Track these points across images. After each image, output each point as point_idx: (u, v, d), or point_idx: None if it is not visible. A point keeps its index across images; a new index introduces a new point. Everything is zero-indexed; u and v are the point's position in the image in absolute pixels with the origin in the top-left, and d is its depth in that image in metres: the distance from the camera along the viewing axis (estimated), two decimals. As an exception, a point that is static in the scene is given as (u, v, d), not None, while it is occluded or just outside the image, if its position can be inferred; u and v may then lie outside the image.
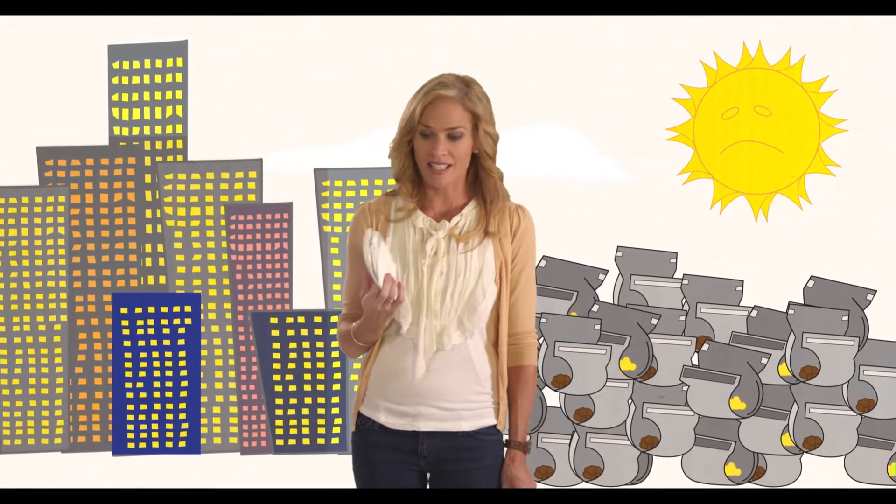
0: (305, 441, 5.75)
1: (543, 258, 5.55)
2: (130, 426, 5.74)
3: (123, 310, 5.74)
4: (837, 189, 5.57)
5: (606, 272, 5.60)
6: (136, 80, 5.74)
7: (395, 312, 3.38)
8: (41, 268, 5.73)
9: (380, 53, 5.62)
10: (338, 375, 5.74)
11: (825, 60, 5.56)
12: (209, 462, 5.73)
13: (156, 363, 5.74)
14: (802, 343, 5.56)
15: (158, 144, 5.75)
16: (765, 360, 5.55)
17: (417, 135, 3.43)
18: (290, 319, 5.75)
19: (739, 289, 5.59)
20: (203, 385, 5.75)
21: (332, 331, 5.72)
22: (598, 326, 5.55)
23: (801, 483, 5.57)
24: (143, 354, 5.74)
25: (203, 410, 5.75)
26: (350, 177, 5.71)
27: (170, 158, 5.74)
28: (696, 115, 5.58)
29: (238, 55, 5.66)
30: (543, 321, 5.52)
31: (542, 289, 5.49)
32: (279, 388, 5.75)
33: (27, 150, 5.71)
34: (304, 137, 5.67)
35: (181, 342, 5.74)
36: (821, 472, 5.55)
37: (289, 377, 5.74)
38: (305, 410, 5.74)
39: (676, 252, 5.59)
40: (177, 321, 5.74)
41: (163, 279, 5.76)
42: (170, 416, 5.75)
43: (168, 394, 5.74)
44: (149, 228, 5.76)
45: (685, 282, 5.60)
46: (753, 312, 5.58)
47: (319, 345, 5.74)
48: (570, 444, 5.58)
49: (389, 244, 3.44)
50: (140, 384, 5.74)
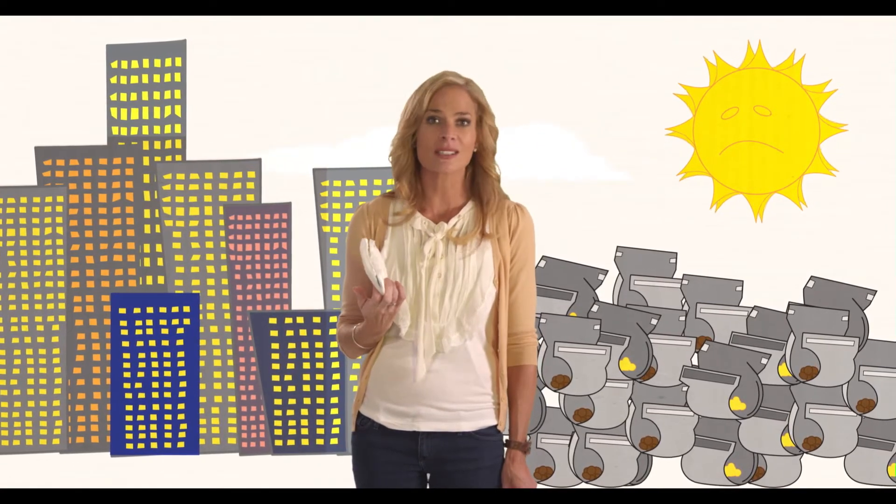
0: (304, 442, 5.74)
1: (543, 258, 5.54)
2: (129, 427, 5.73)
3: (122, 310, 5.73)
4: (837, 189, 5.56)
5: (606, 272, 5.59)
6: (135, 80, 5.74)
7: (396, 315, 3.37)
8: (39, 268, 5.72)
9: (378, 53, 5.62)
10: (337, 376, 5.73)
11: (825, 60, 5.55)
12: (208, 463, 5.72)
13: (154, 363, 5.73)
14: (802, 343, 5.55)
15: (157, 144, 5.74)
16: (765, 361, 5.54)
17: (424, 123, 3.43)
18: (289, 320, 5.74)
19: (739, 289, 5.58)
20: (202, 385, 5.75)
21: (332, 331, 5.71)
22: (598, 327, 5.54)
23: (801, 483, 5.56)
24: (142, 355, 5.73)
25: (202, 411, 5.75)
26: (349, 177, 5.71)
27: (168, 158, 5.74)
28: (696, 115, 5.58)
29: (237, 55, 5.65)
30: (543, 321, 5.52)
31: (542, 289, 5.48)
32: (278, 389, 5.74)
33: (25, 150, 5.71)
34: (303, 137, 5.67)
35: (180, 342, 5.74)
36: (821, 473, 5.54)
37: (288, 377, 5.73)
38: (304, 411, 5.73)
39: (676, 252, 5.59)
40: (175, 321, 5.73)
41: (161, 279, 5.75)
42: (168, 417, 5.74)
43: (167, 394, 5.73)
44: (147, 228, 5.75)
45: (685, 282, 5.59)
46: (753, 313, 5.57)
47: (318, 345, 5.73)
48: (570, 445, 5.57)
49: (388, 247, 3.44)
50: (139, 384, 5.73)
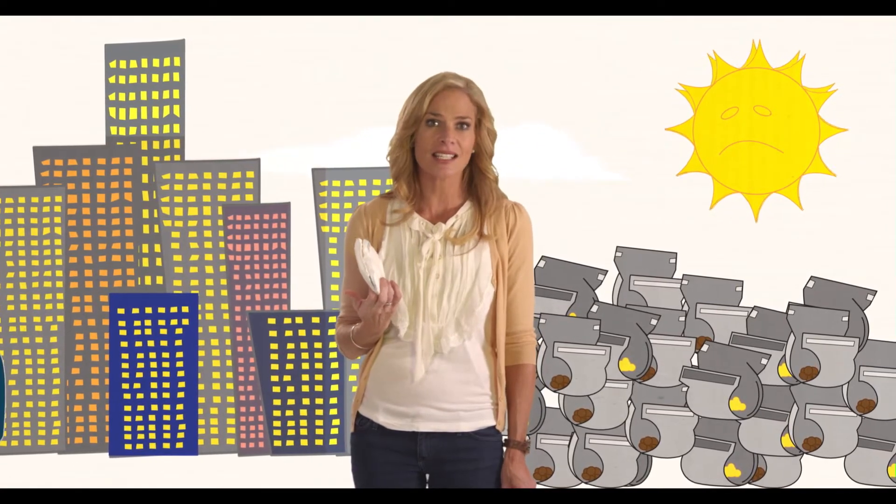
0: (303, 442, 5.73)
1: (542, 258, 5.53)
2: (127, 427, 5.72)
3: (120, 310, 5.72)
4: (838, 189, 5.55)
5: (605, 272, 5.59)
6: (133, 80, 5.73)
7: (393, 314, 3.37)
8: (38, 268, 5.72)
9: (378, 54, 5.61)
10: (336, 376, 5.73)
11: (825, 60, 5.55)
12: (207, 463, 5.72)
13: (153, 364, 5.72)
14: (802, 343, 5.54)
15: (155, 144, 5.73)
16: (765, 361, 5.53)
17: (423, 125, 3.41)
18: (288, 320, 5.73)
19: (739, 289, 5.57)
20: (200, 386, 5.74)
21: (331, 331, 5.71)
22: (598, 327, 5.53)
23: (801, 484, 5.56)
24: (141, 355, 5.72)
25: (200, 411, 5.74)
26: (348, 177, 5.70)
27: (167, 158, 5.73)
28: (697, 114, 5.57)
29: (235, 55, 5.65)
30: (542, 322, 5.51)
31: (541, 289, 5.48)
32: (277, 389, 5.73)
33: (23, 150, 5.70)
34: (302, 137, 5.66)
35: (178, 343, 5.73)
36: (821, 474, 5.54)
37: (287, 378, 5.73)
38: (303, 411, 5.73)
39: (676, 252, 5.58)
40: (174, 322, 5.73)
41: (160, 279, 5.74)
42: (167, 418, 5.73)
43: (165, 395, 5.73)
44: (146, 228, 5.75)
45: (685, 282, 5.59)
46: (753, 313, 5.56)
47: (318, 345, 5.73)
48: (570, 446, 5.57)
49: (385, 248, 3.43)
50: (137, 385, 5.72)
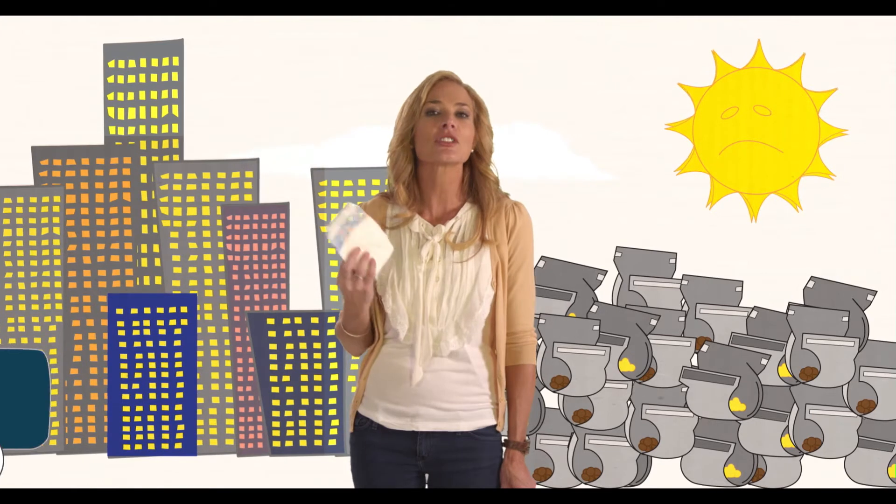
0: (302, 443, 5.73)
1: (542, 259, 5.53)
2: (126, 427, 5.72)
3: (119, 310, 5.72)
4: (838, 189, 5.55)
5: (605, 273, 5.58)
6: (132, 80, 5.72)
7: (394, 317, 3.36)
8: (36, 268, 5.71)
9: (378, 54, 5.61)
10: (335, 377, 5.72)
11: (825, 60, 5.54)
12: (205, 464, 5.71)
13: (152, 364, 5.72)
14: (802, 344, 5.54)
15: (154, 144, 5.73)
16: (764, 361, 5.53)
17: (423, 116, 3.41)
18: (287, 320, 5.73)
19: (739, 289, 5.57)
20: (199, 386, 5.73)
21: (330, 332, 5.71)
22: (597, 327, 5.53)
23: (801, 484, 5.55)
24: (139, 356, 5.71)
25: (199, 412, 5.73)
26: (347, 177, 5.69)
27: (165, 158, 5.72)
28: (697, 112, 5.57)
29: (234, 54, 5.64)
30: (542, 322, 5.50)
31: (541, 289, 5.47)
32: (276, 390, 5.73)
33: (22, 150, 5.70)
34: (301, 137, 5.66)
35: (177, 343, 5.72)
36: (821, 474, 5.54)
37: (286, 378, 5.72)
38: (302, 412, 5.72)
39: (676, 252, 5.58)
40: (173, 322, 5.72)
41: (159, 280, 5.74)
42: (166, 418, 5.72)
43: (164, 395, 5.72)
44: (144, 229, 5.74)
45: (684, 282, 5.58)
46: (753, 313, 5.56)
47: (316, 346, 5.72)
48: (569, 446, 5.56)
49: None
50: (136, 385, 5.72)
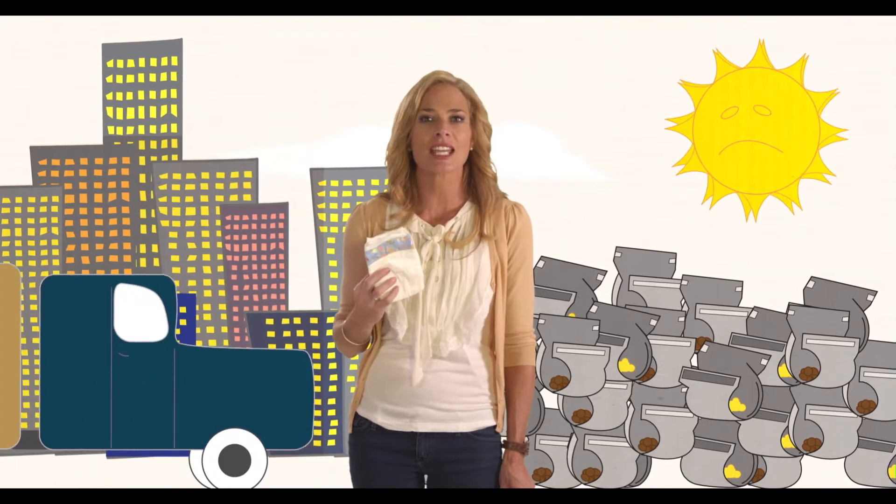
0: (301, 443, 5.72)
1: (542, 259, 5.52)
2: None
3: (118, 311, 5.71)
4: (838, 189, 5.55)
5: (605, 273, 5.57)
6: (131, 79, 5.72)
7: (392, 318, 3.35)
8: (35, 268, 5.70)
9: (377, 54, 5.60)
10: (334, 377, 5.72)
11: (826, 60, 5.54)
12: (204, 464, 5.70)
13: (151, 364, 5.71)
14: (802, 344, 5.53)
15: (153, 144, 5.72)
16: (764, 362, 5.52)
17: (417, 123, 3.40)
18: (286, 320, 5.72)
19: (739, 289, 5.56)
20: (198, 386, 5.73)
21: (329, 332, 5.70)
22: (597, 327, 5.52)
23: (801, 485, 5.55)
24: (138, 356, 5.71)
25: (198, 412, 5.73)
26: (346, 177, 5.69)
27: (164, 158, 5.72)
28: (697, 111, 5.56)
29: (233, 54, 5.64)
30: (542, 322, 5.50)
31: (541, 290, 5.46)
32: (275, 390, 5.72)
33: (21, 150, 5.69)
34: (300, 137, 5.65)
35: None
36: (821, 474, 5.54)
37: (285, 378, 5.71)
38: (301, 412, 5.71)
39: (675, 253, 5.57)
40: (172, 322, 5.72)
41: (158, 280, 5.73)
42: (165, 418, 5.72)
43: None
44: (143, 229, 5.74)
45: (684, 282, 5.58)
46: (753, 313, 5.55)
47: (315, 346, 5.71)
48: (569, 446, 5.55)
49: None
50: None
